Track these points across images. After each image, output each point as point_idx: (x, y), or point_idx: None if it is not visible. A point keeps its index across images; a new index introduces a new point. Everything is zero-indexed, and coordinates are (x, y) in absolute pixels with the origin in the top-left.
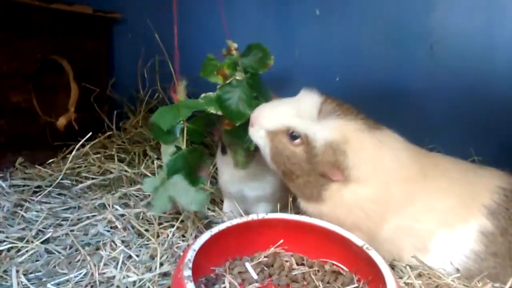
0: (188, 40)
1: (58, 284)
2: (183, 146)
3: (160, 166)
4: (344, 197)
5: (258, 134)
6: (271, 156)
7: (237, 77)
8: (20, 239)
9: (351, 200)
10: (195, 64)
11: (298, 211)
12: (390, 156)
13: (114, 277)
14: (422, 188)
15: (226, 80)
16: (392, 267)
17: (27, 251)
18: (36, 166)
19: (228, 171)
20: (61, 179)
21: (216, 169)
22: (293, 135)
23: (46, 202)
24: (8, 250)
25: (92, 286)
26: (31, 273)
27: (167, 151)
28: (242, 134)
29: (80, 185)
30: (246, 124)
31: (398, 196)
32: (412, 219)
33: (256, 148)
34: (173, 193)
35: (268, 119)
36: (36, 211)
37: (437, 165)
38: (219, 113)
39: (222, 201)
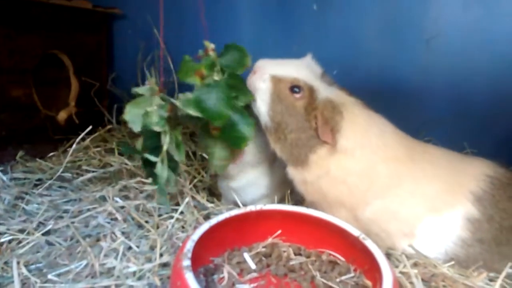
0: (185, 37)
1: (59, 275)
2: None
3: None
4: (330, 166)
5: (261, 78)
6: (270, 102)
7: (215, 77)
8: (21, 231)
9: (336, 171)
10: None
11: (295, 202)
12: (377, 134)
13: (114, 267)
14: (408, 171)
15: (203, 81)
16: (388, 256)
17: (28, 243)
18: (37, 159)
19: (224, 183)
20: (62, 172)
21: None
22: (295, 89)
23: (47, 195)
24: (9, 242)
25: (92, 277)
26: (32, 264)
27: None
28: (227, 136)
29: (81, 178)
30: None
31: (383, 175)
32: (398, 202)
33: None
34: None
35: (275, 67)
36: (37, 204)
37: (425, 152)
38: (197, 114)
39: (221, 194)
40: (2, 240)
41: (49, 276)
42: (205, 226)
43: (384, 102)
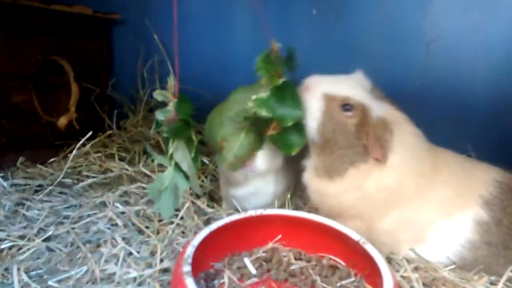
0: (187, 40)
1: (59, 281)
2: None
3: (160, 165)
4: (364, 181)
5: (314, 96)
6: (322, 120)
7: (283, 79)
8: (22, 237)
9: (369, 187)
10: (195, 64)
11: (295, 207)
12: (420, 149)
13: (115, 273)
14: (430, 182)
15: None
16: (389, 260)
17: (28, 249)
18: (37, 165)
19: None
20: (62, 178)
21: (216, 166)
22: (347, 107)
23: (47, 201)
24: (10, 248)
25: (93, 283)
26: (32, 270)
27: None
28: (280, 138)
29: (81, 184)
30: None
31: (410, 189)
32: (415, 211)
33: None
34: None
35: (327, 85)
36: (37, 210)
37: (443, 159)
38: (270, 115)
39: (221, 198)
40: (3, 246)
41: (50, 283)
42: (205, 231)
43: None
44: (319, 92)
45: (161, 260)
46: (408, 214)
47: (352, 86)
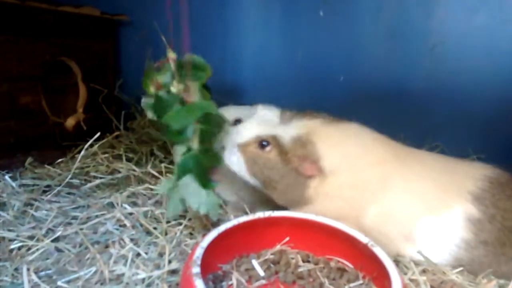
0: (190, 42)
1: (68, 281)
2: (195, 147)
3: (167, 166)
4: (325, 190)
5: (232, 152)
6: (249, 168)
7: (172, 89)
8: (31, 237)
9: (332, 192)
10: None
11: None
12: (354, 142)
13: (123, 274)
14: (396, 171)
15: (157, 91)
16: (397, 263)
17: (37, 250)
18: (46, 166)
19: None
20: (70, 178)
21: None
22: (262, 144)
23: (55, 201)
24: (19, 248)
25: (102, 284)
26: (41, 271)
27: (179, 152)
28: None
29: (89, 184)
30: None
31: (372, 180)
32: (391, 204)
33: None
34: (184, 194)
35: (237, 136)
36: (46, 210)
37: (412, 153)
38: None
39: (227, 201)
40: (12, 246)
41: (59, 283)
42: (214, 233)
43: (390, 108)
44: (234, 148)
45: (170, 261)
46: (385, 206)
47: (257, 124)
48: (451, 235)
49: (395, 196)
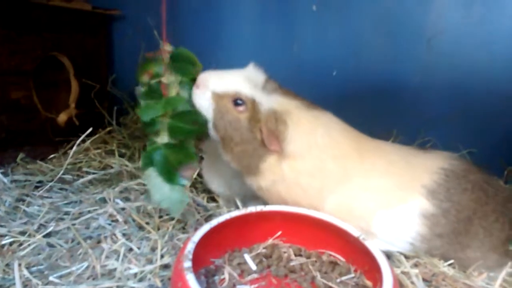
0: (186, 35)
1: (60, 277)
2: (161, 141)
3: None
4: (283, 171)
5: (204, 95)
6: (214, 119)
7: (163, 80)
8: (22, 233)
9: (289, 175)
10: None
11: None
12: (324, 134)
13: (115, 269)
14: (358, 166)
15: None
16: (388, 256)
17: (29, 245)
18: (38, 161)
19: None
20: (62, 174)
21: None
22: (237, 102)
23: (47, 197)
24: (11, 244)
25: (93, 279)
26: (33, 266)
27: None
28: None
29: (81, 180)
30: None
31: (333, 172)
32: (349, 197)
33: None
34: (148, 186)
35: (216, 82)
36: (38, 206)
37: (376, 147)
38: None
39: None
40: (3, 242)
41: (50, 278)
42: (206, 227)
43: (384, 101)
44: (208, 91)
45: (162, 256)
46: (344, 199)
47: (242, 81)
48: (407, 230)
49: (352, 189)
